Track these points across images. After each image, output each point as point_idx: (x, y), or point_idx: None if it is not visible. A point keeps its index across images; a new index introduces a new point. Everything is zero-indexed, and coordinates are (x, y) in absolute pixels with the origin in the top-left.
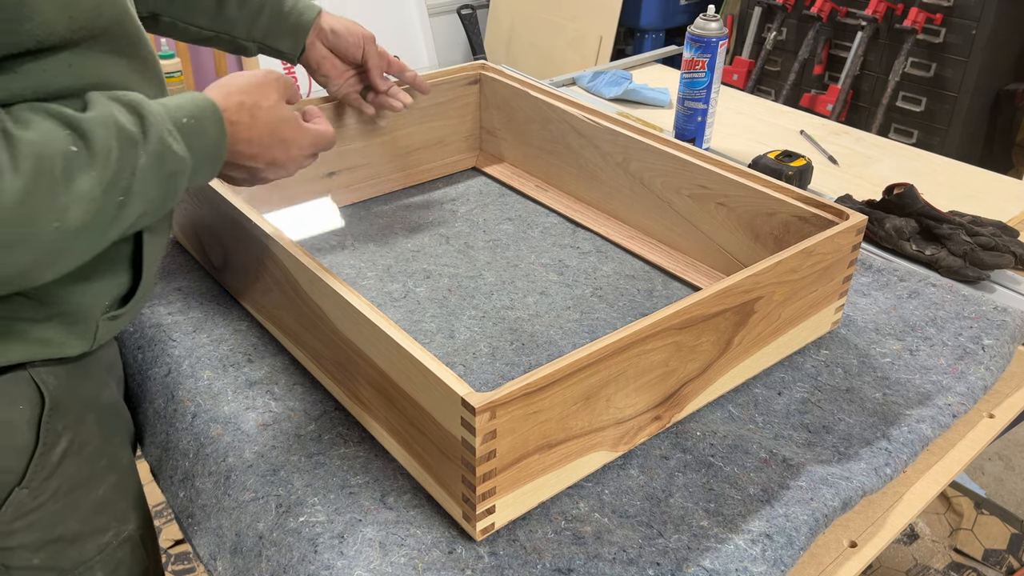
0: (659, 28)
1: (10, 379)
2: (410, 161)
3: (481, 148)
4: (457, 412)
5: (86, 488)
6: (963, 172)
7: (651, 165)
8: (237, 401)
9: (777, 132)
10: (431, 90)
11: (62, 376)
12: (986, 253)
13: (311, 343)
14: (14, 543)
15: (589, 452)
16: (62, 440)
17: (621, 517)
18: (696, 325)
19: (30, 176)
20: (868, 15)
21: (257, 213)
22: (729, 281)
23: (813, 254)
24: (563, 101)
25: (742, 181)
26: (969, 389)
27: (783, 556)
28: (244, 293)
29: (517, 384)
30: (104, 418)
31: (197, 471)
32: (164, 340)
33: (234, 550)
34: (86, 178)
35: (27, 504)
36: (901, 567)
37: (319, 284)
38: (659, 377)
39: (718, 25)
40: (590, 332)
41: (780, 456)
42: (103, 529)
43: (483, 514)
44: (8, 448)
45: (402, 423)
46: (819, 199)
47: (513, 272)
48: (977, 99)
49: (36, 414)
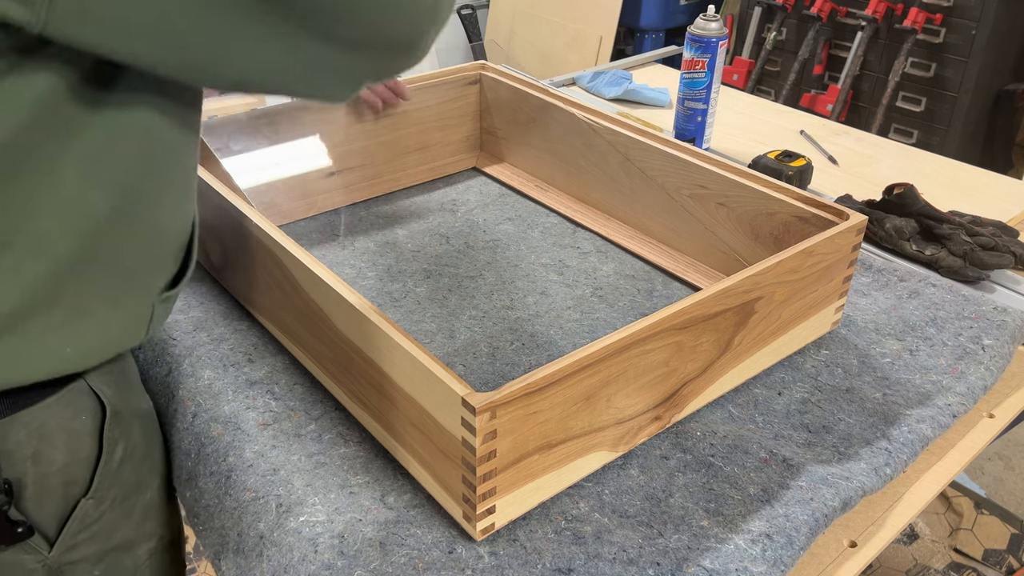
0: (659, 28)
1: (72, 391)
2: (410, 161)
3: (481, 148)
4: (457, 412)
5: (137, 494)
6: (963, 172)
7: (652, 165)
8: (237, 401)
9: (777, 132)
10: (412, 97)
11: (113, 385)
12: (986, 253)
13: (311, 342)
14: (77, 556)
15: (589, 452)
16: (119, 447)
17: (621, 517)
18: (696, 325)
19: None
20: (868, 15)
21: (258, 213)
22: (729, 281)
23: (813, 254)
24: (564, 101)
25: (742, 181)
26: (969, 389)
27: (783, 556)
28: (244, 293)
29: (518, 384)
30: (146, 424)
31: (199, 471)
32: (164, 339)
33: (236, 550)
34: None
35: (91, 514)
36: (901, 567)
37: (319, 284)
38: (659, 377)
39: (718, 25)
40: (590, 332)
41: (780, 456)
42: (150, 535)
43: (483, 514)
44: (75, 460)
45: (402, 423)
46: (819, 199)
47: (513, 272)
48: (977, 99)
49: (98, 424)
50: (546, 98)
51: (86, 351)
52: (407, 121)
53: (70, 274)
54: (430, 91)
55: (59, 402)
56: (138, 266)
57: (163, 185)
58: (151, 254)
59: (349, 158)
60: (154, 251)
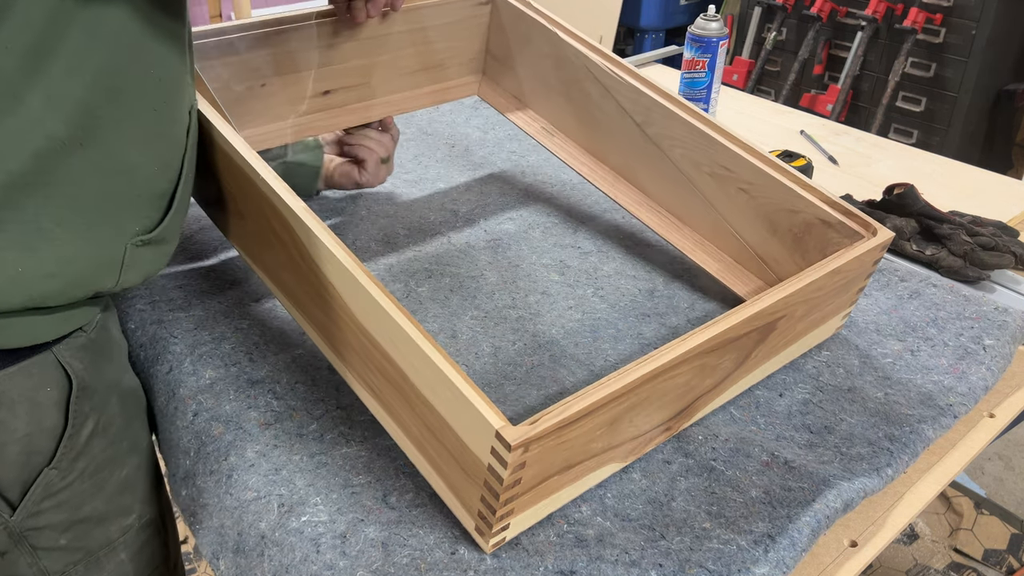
0: (659, 28)
1: (36, 362)
2: (409, 83)
3: (484, 72)
4: (488, 441)
5: (110, 469)
6: (963, 172)
7: (673, 133)
8: (239, 400)
9: (777, 132)
10: (402, 7)
11: (86, 359)
12: (986, 253)
13: (317, 315)
14: (42, 523)
15: (603, 466)
16: (89, 421)
17: (623, 520)
18: (723, 347)
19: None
20: (868, 15)
21: (292, 196)
22: (760, 305)
23: (840, 272)
24: (586, 45)
25: (770, 172)
26: (970, 389)
27: (785, 557)
28: (248, 247)
29: (554, 418)
30: (126, 401)
31: (198, 470)
32: (166, 337)
33: (236, 549)
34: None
35: (56, 484)
36: (901, 567)
37: (333, 264)
38: (679, 395)
39: (718, 25)
40: (592, 331)
41: (782, 458)
42: (127, 511)
43: (498, 531)
44: (38, 430)
45: (416, 424)
46: (848, 206)
47: (515, 272)
48: (977, 99)
49: (64, 396)
50: (567, 37)
51: (43, 274)
52: (409, 41)
53: (21, 193)
54: (438, 9)
55: (21, 372)
56: (102, 200)
57: (125, 115)
58: (117, 190)
59: (346, 76)
60: (121, 187)
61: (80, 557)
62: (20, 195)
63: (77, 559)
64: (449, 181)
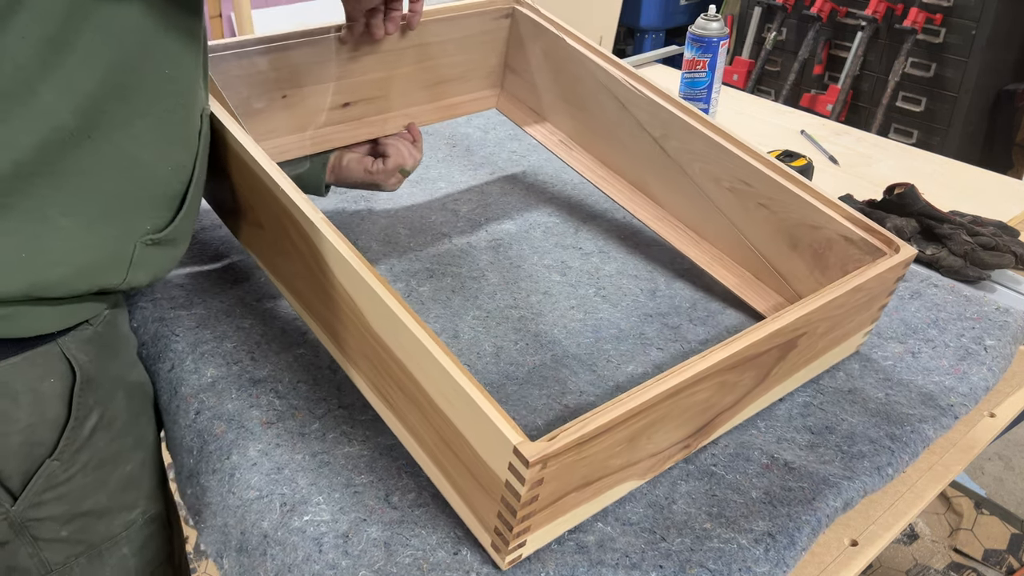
0: (659, 28)
1: (41, 353)
2: (428, 96)
3: (503, 86)
4: (506, 457)
5: (114, 464)
6: (963, 172)
7: (692, 148)
8: (241, 398)
9: (777, 132)
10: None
11: (92, 352)
12: (987, 253)
13: (328, 318)
14: (43, 514)
15: (621, 483)
16: (93, 415)
17: (624, 525)
18: (744, 364)
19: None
20: (868, 15)
21: (307, 201)
22: (782, 321)
23: (862, 290)
24: (605, 59)
25: (791, 187)
26: (972, 390)
27: (786, 556)
28: (265, 256)
29: (573, 435)
30: (132, 397)
31: (201, 468)
32: (168, 335)
33: (240, 548)
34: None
35: (58, 476)
36: (901, 567)
37: (350, 273)
38: (699, 412)
39: (719, 25)
40: (594, 332)
41: (782, 460)
42: (130, 506)
43: (514, 548)
44: (41, 420)
45: (431, 435)
46: (870, 223)
47: (516, 272)
48: (977, 99)
49: (68, 388)
50: (586, 51)
51: (46, 262)
52: (429, 54)
53: (27, 182)
54: (457, 22)
55: (25, 361)
56: (110, 194)
57: (135, 112)
58: (126, 186)
59: (365, 89)
60: (130, 184)
61: (82, 550)
62: (27, 183)
63: (79, 552)
64: (450, 181)
